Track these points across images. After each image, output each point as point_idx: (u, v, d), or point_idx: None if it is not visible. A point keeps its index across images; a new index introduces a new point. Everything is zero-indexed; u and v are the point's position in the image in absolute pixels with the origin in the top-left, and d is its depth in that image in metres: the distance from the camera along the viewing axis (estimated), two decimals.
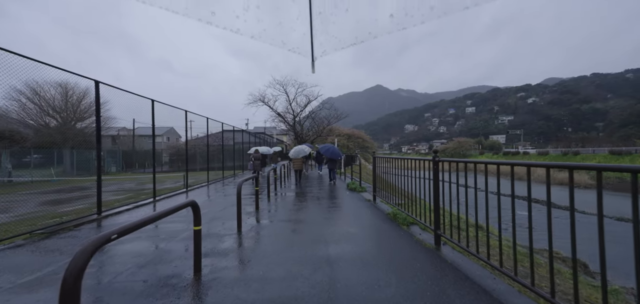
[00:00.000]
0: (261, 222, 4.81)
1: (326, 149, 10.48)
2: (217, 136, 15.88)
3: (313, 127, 22.81)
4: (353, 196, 6.81)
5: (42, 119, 22.66)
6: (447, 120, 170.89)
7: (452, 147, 65.86)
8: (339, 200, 6.32)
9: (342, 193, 7.21)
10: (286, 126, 22.26)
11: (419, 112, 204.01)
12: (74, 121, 25.23)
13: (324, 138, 26.12)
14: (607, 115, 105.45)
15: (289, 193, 7.84)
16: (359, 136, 34.03)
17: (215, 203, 6.79)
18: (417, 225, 4.03)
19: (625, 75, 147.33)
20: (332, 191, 7.62)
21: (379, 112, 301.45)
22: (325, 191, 7.63)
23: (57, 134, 23.54)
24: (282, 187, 9.41)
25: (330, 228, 4.16)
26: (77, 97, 24.26)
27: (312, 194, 7.17)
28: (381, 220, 4.47)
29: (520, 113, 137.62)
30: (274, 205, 6.20)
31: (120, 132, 40.48)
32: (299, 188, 8.84)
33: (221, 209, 6.02)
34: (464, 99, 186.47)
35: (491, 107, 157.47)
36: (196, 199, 2.81)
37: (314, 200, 6.42)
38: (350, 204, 5.78)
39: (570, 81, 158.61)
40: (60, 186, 13.82)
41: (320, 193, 7.32)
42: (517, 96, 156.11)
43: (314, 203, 6.03)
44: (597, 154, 37.57)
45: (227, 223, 4.73)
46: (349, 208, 5.49)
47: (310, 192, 7.80)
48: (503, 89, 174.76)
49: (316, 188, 8.52)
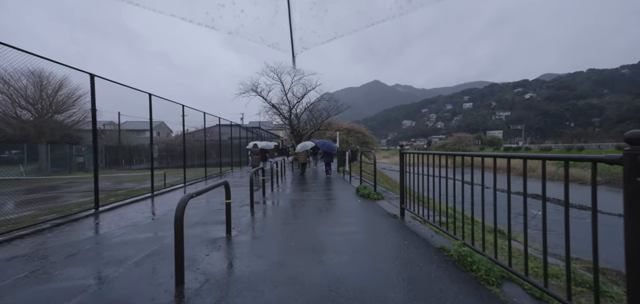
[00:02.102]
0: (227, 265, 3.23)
1: (322, 143, 11.44)
2: (210, 131, 14.94)
3: (311, 121, 21.05)
4: (367, 206, 4.97)
5: (13, 110, 20.52)
6: (445, 116, 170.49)
7: (451, 142, 64.76)
8: (352, 217, 4.34)
9: (351, 202, 5.41)
10: (281, 119, 20.46)
11: (417, 108, 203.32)
12: (51, 113, 23.13)
13: (322, 133, 24.52)
14: (604, 110, 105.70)
15: (284, 204, 6.22)
16: (359, 130, 32.44)
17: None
18: (513, 281, 2.28)
19: (620, 70, 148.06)
20: (339, 200, 5.76)
21: (376, 107, 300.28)
22: (330, 200, 5.76)
23: (31, 128, 21.47)
24: (279, 189, 7.80)
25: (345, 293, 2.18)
26: (54, 87, 22.16)
27: (315, 206, 5.29)
28: (436, 266, 2.56)
29: (518, 108, 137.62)
30: (260, 224, 4.59)
31: (106, 127, 38.57)
32: (300, 191, 7.28)
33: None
34: (462, 95, 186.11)
35: (488, 103, 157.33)
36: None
37: (316, 215, 4.54)
38: (369, 225, 3.89)
39: (566, 77, 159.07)
40: (29, 185, 12.01)
41: (325, 204, 5.34)
42: (514, 91, 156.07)
43: (316, 221, 4.15)
44: (603, 149, 36.59)
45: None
46: (371, 235, 3.48)
47: (311, 201, 6.19)
48: (500, 85, 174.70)
49: (318, 193, 6.89)
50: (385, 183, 9.99)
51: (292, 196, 6.59)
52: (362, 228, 3.81)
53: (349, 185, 7.95)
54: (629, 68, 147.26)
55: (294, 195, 6.67)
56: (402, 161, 3.96)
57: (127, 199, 6.58)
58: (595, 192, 1.61)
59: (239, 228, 3.97)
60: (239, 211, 5.01)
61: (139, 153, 33.55)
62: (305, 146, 11.88)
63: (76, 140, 24.60)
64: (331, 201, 5.74)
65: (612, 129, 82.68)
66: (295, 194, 6.85)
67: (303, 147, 11.80)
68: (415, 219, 3.93)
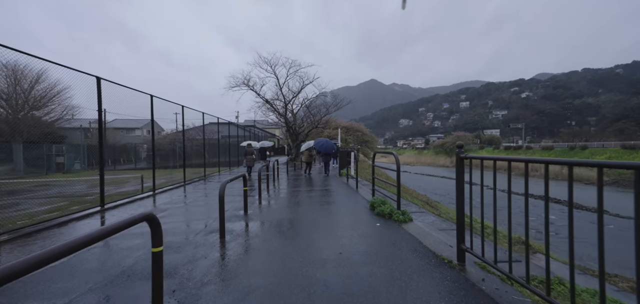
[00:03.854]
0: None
1: (321, 143, 11.21)
2: (201, 129, 13.85)
3: (308, 118, 19.58)
4: (394, 237, 3.38)
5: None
6: (442, 115, 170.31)
7: (450, 141, 63.84)
8: (376, 263, 2.68)
9: (366, 227, 3.86)
10: (276, 115, 18.93)
11: (413, 107, 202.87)
12: (28, 109, 21.34)
13: (320, 131, 23.10)
14: (600, 109, 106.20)
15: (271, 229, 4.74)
16: (358, 129, 31.08)
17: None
18: None
19: (615, 70, 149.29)
20: (347, 222, 4.14)
21: (373, 106, 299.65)
22: (334, 220, 4.21)
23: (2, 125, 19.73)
24: (270, 198, 6.39)
25: None
26: (30, 81, 20.37)
27: (314, 231, 3.85)
28: None
29: (514, 108, 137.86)
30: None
31: (92, 125, 36.96)
32: (294, 205, 5.95)
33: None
34: (458, 94, 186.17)
35: (485, 102, 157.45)
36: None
37: (315, 251, 3.00)
38: (407, 282, 2.32)
39: (562, 76, 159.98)
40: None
41: (329, 229, 3.74)
42: (511, 90, 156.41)
43: (315, 269, 2.61)
44: (607, 148, 35.88)
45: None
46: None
47: (309, 222, 4.78)
48: (497, 84, 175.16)
49: (319, 209, 5.49)
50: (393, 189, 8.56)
51: (284, 213, 5.18)
52: (397, 292, 2.17)
53: (356, 195, 6.57)
54: (623, 68, 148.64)
55: (285, 212, 5.27)
56: (460, 169, 2.57)
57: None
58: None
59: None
60: (200, 249, 3.25)
61: (128, 152, 32.03)
62: (310, 146, 12.21)
63: (58, 139, 23.11)
64: (337, 223, 4.34)
65: (608, 128, 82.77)
66: (288, 210, 5.45)
67: (307, 146, 12.15)
68: (489, 272, 2.43)
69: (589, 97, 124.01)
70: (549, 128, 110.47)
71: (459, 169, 2.64)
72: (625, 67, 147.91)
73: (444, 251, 2.94)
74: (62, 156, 23.25)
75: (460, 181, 2.64)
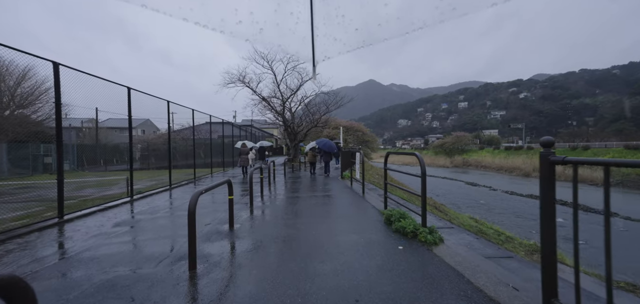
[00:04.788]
0: None
1: (322, 143, 11.17)
2: (198, 129, 13.55)
3: (307, 116, 18.59)
4: (427, 269, 2.51)
5: None
6: (440, 115, 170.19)
7: (450, 141, 63.13)
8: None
9: (383, 252, 2.91)
10: (274, 114, 17.93)
11: (412, 107, 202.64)
12: (13, 107, 20.32)
13: (320, 130, 22.16)
14: (598, 110, 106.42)
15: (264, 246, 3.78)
16: (359, 128, 30.15)
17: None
18: None
19: (612, 71, 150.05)
20: (357, 243, 3.13)
21: (372, 107, 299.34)
22: (341, 242, 3.19)
23: None
24: (264, 205, 5.45)
25: None
26: (17, 78, 19.35)
27: (312, 254, 2.92)
28: None
29: (513, 108, 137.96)
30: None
31: (84, 124, 35.93)
32: (292, 215, 5.11)
33: None
34: (457, 94, 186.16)
35: (483, 102, 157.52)
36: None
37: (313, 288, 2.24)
38: None
39: (559, 77, 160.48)
40: None
41: (334, 257, 2.76)
42: (509, 91, 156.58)
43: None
44: (610, 148, 35.29)
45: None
46: None
47: (308, 241, 3.83)
48: (495, 84, 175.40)
49: (320, 222, 4.55)
50: (400, 191, 7.59)
51: (279, 228, 4.24)
52: None
53: (364, 203, 5.63)
54: (619, 69, 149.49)
55: (281, 226, 4.33)
56: (550, 180, 1.65)
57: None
58: None
59: None
60: (155, 290, 2.61)
61: (121, 153, 31.14)
62: (313, 146, 12.12)
63: (48, 138, 22.29)
64: (346, 244, 3.37)
65: (607, 128, 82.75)
66: (284, 224, 4.51)
67: (312, 147, 12.08)
68: None
69: (586, 98, 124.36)
70: (547, 128, 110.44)
71: (546, 177, 1.72)
72: (622, 67, 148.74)
73: (513, 302, 2.00)
74: (50, 156, 22.29)
75: (549, 198, 1.71)
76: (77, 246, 3.36)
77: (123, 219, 4.76)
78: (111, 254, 3.04)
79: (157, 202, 6.37)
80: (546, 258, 1.74)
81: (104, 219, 4.81)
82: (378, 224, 3.94)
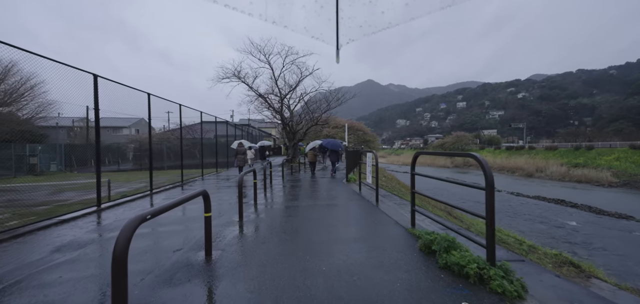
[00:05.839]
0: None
1: (329, 143, 11.43)
2: (193, 129, 13.05)
3: (306, 114, 17.50)
4: None
5: None
6: (439, 115, 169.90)
7: (450, 141, 62.42)
8: None
9: None
10: (272, 112, 16.81)
11: (410, 107, 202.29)
12: None
13: (320, 129, 21.10)
14: (596, 110, 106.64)
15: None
16: (359, 128, 29.12)
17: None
18: None
19: (608, 71, 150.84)
20: (399, 290, 2.46)
21: (370, 107, 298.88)
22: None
23: None
24: (257, 222, 4.38)
25: None
26: None
27: None
28: None
29: (511, 108, 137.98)
30: None
31: (75, 123, 34.80)
32: (289, 242, 4.20)
33: None
34: (455, 94, 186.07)
35: (482, 102, 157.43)
36: None
37: None
38: None
39: (557, 77, 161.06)
40: None
41: None
42: (507, 91, 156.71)
43: None
44: (614, 148, 34.63)
45: None
46: None
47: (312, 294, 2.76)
48: (493, 84, 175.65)
49: (339, 258, 3.50)
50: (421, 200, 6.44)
51: (273, 264, 3.17)
52: None
53: (381, 215, 4.57)
54: (616, 69, 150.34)
55: (276, 260, 3.26)
56: None
57: None
58: None
59: None
60: None
61: (114, 153, 30.08)
62: (315, 145, 12.28)
63: (38, 137, 21.19)
64: (375, 295, 2.30)
65: (605, 128, 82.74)
66: (282, 254, 3.44)
67: (312, 146, 12.16)
68: None
69: (584, 98, 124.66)
70: (546, 128, 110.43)
71: None
72: (619, 68, 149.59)
73: None
74: (35, 156, 21.09)
75: None
76: None
77: (66, 242, 3.64)
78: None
79: (127, 214, 5.27)
80: None
81: (44, 243, 3.69)
82: (411, 253, 2.87)
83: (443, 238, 2.57)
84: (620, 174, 28.92)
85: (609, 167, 29.75)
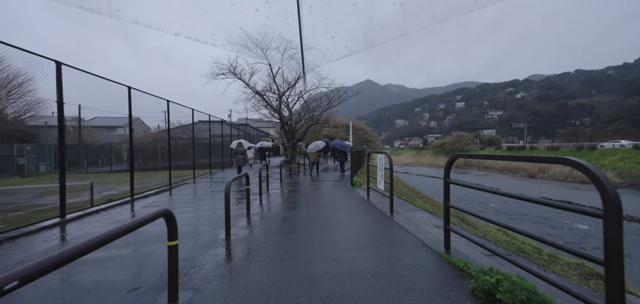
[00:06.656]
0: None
1: (337, 144, 12.01)
2: (189, 128, 12.35)
3: (306, 113, 16.77)
4: None
5: None
6: (438, 115, 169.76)
7: (450, 141, 61.92)
8: None
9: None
10: (270, 110, 16.06)
11: (409, 107, 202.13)
12: None
13: (320, 128, 20.40)
14: (594, 110, 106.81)
15: None
16: (360, 127, 28.43)
17: None
18: None
19: (606, 72, 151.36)
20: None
21: (369, 107, 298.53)
22: None
23: None
24: (252, 238, 3.63)
25: None
26: None
27: None
28: None
29: (510, 108, 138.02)
30: None
31: (68, 123, 33.96)
32: (291, 269, 3.47)
33: None
34: (454, 94, 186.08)
35: (481, 102, 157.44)
36: None
37: None
38: None
39: (555, 77, 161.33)
40: None
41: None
42: (506, 91, 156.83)
43: None
44: (618, 148, 34.19)
45: None
46: None
47: None
48: (492, 85, 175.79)
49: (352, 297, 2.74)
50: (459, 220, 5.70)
51: None
52: None
53: (399, 230, 3.84)
54: (614, 69, 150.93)
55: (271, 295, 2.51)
56: None
57: None
58: None
59: None
60: None
61: (107, 153, 29.31)
62: (317, 145, 12.29)
63: (30, 137, 20.43)
64: None
65: (605, 128, 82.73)
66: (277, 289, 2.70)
67: (315, 147, 12.20)
68: None
69: (582, 98, 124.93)
70: (545, 128, 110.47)
71: None
72: (616, 68, 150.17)
73: None
74: (23, 157, 20.20)
75: None
76: None
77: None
78: None
79: (90, 228, 4.51)
80: None
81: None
82: (458, 297, 2.11)
83: (516, 285, 1.79)
84: (625, 175, 28.44)
85: (613, 168, 29.28)
